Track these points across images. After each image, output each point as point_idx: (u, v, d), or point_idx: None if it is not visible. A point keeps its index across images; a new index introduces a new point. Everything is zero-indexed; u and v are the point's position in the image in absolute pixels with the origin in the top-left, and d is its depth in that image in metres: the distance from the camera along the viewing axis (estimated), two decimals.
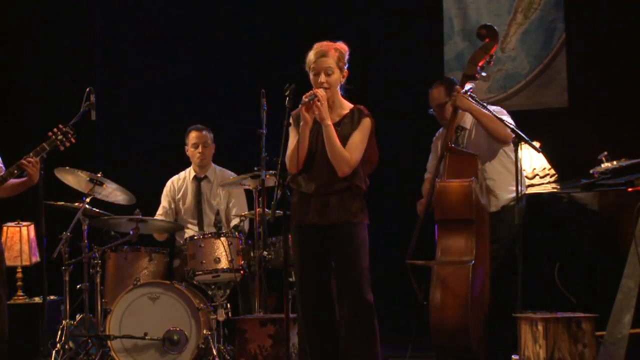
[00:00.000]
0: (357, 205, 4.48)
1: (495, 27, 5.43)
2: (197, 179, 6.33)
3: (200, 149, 6.26)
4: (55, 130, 5.10)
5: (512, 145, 5.07)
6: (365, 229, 4.51)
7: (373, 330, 4.47)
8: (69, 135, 5.13)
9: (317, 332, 4.50)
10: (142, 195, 6.01)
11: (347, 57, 4.59)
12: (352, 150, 4.44)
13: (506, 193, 5.30)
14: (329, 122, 4.43)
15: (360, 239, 4.47)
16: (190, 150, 6.30)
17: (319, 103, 4.38)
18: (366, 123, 4.50)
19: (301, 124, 4.45)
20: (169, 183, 6.40)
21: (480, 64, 5.31)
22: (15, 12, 7.55)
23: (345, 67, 4.57)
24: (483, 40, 5.37)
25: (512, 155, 5.14)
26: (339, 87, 4.57)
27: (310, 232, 4.49)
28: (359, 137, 4.47)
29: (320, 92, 4.42)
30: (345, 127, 4.50)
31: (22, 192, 5.19)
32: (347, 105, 4.59)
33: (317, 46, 4.55)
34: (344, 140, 4.45)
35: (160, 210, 6.34)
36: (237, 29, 7.67)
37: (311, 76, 4.53)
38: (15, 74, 7.57)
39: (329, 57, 4.50)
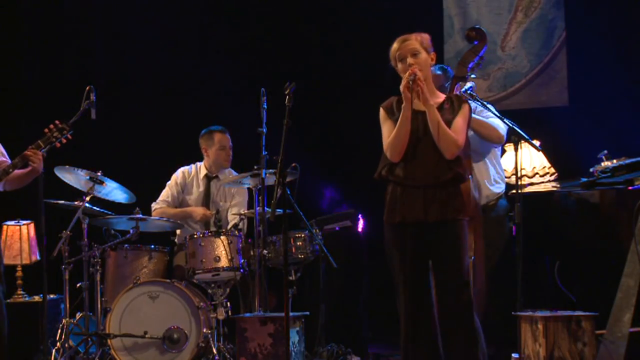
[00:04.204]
0: (460, 198, 4.30)
1: (484, 29, 5.44)
2: (208, 178, 6.33)
3: (227, 151, 6.28)
4: (51, 126, 5.06)
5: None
6: (466, 224, 4.34)
7: (475, 332, 4.29)
8: (65, 131, 5.09)
9: (417, 334, 4.27)
10: (142, 194, 6.01)
11: (430, 42, 4.40)
12: (457, 133, 4.26)
13: (488, 188, 5.38)
14: (432, 103, 4.25)
15: (463, 236, 4.29)
16: (216, 152, 6.28)
17: (420, 82, 4.19)
18: (466, 108, 4.34)
19: (403, 105, 4.23)
20: (179, 173, 6.38)
21: (470, 65, 5.32)
22: (16, 11, 7.55)
23: (432, 51, 4.38)
24: (472, 43, 5.39)
25: (497, 152, 5.40)
26: (430, 73, 4.39)
27: (413, 229, 4.27)
28: (461, 121, 4.29)
29: (419, 72, 4.22)
30: (446, 112, 4.31)
31: (29, 183, 5.15)
32: (441, 94, 4.44)
33: (399, 37, 4.40)
34: (447, 126, 4.25)
35: (163, 196, 6.30)
36: (238, 28, 7.66)
37: (399, 66, 4.35)
38: (15, 72, 7.57)
39: (411, 40, 4.34)
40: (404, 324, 4.29)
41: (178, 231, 6.26)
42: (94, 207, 5.76)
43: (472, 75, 5.35)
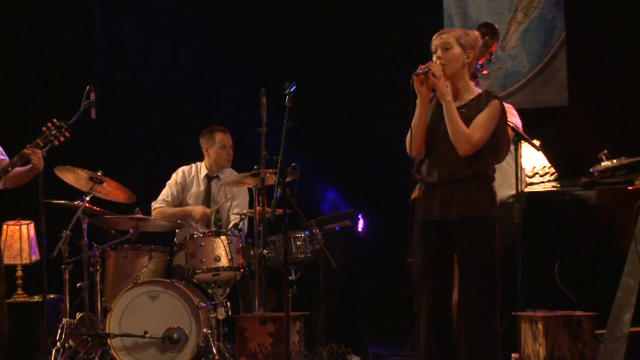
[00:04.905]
0: (484, 195, 4.17)
1: (496, 25, 5.44)
2: (209, 178, 6.32)
3: (228, 151, 6.26)
4: (49, 125, 5.07)
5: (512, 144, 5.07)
6: (494, 222, 4.18)
7: (495, 334, 4.18)
8: (63, 130, 5.09)
9: (435, 333, 4.21)
10: (142, 194, 6.01)
11: (476, 41, 4.30)
12: (475, 129, 4.13)
13: (502, 190, 5.33)
14: (450, 98, 4.13)
15: (489, 233, 4.16)
16: (217, 152, 6.26)
17: (433, 77, 4.10)
18: (494, 105, 4.18)
19: (417, 101, 4.17)
20: (179, 172, 6.36)
21: (480, 61, 5.33)
22: (16, 10, 7.55)
23: (471, 49, 4.24)
24: (483, 38, 5.38)
25: (509, 158, 5.24)
26: (466, 71, 4.26)
27: (434, 227, 4.20)
28: (484, 117, 4.15)
29: (436, 66, 4.13)
30: (472, 109, 4.20)
31: (29, 181, 5.16)
32: (476, 91, 4.30)
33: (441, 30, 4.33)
34: (470, 123, 4.15)
35: (163, 196, 6.28)
36: (237, 27, 7.67)
37: (433, 58, 4.22)
38: (16, 72, 7.57)
39: (448, 34, 4.24)
40: (424, 323, 4.22)
41: (178, 230, 6.25)
42: (94, 207, 5.75)
43: (483, 72, 5.35)
